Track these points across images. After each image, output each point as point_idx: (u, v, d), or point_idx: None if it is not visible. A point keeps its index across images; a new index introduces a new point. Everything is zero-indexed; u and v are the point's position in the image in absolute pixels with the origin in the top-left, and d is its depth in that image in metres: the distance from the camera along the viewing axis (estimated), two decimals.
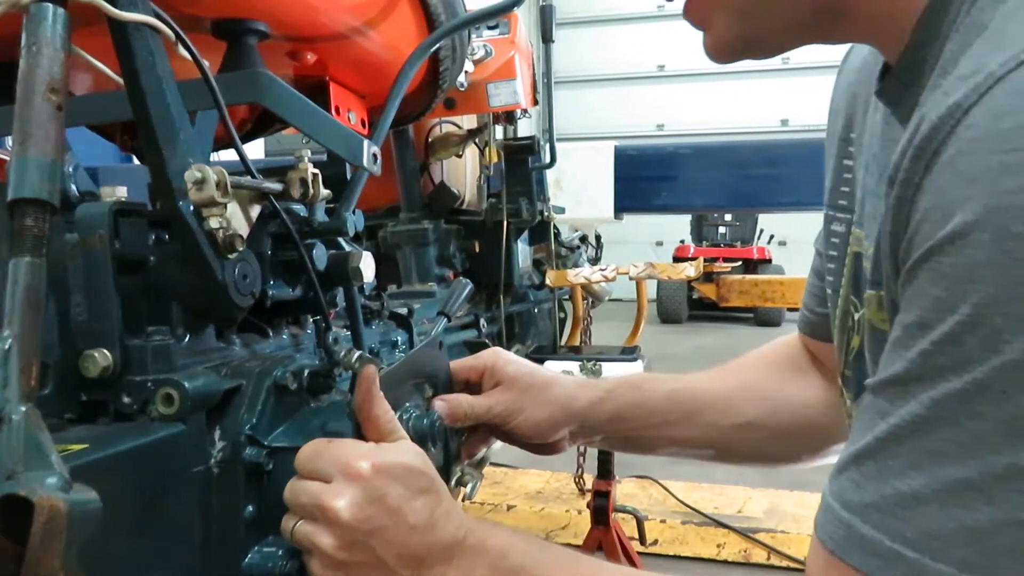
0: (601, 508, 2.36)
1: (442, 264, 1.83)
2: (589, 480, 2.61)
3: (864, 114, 0.70)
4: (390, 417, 0.70)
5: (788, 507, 3.21)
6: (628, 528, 2.53)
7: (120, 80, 0.64)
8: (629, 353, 1.90)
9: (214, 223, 0.67)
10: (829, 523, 0.46)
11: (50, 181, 0.51)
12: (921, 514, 0.41)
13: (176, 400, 0.69)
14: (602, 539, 2.37)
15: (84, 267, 0.70)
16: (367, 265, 0.91)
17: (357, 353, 0.83)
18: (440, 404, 0.84)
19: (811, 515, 0.50)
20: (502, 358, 0.91)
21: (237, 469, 0.73)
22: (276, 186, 0.76)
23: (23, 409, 0.46)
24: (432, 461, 0.70)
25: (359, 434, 0.70)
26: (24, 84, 0.52)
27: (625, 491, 3.26)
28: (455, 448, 0.88)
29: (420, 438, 0.76)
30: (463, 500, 0.87)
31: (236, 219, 0.74)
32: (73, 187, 0.72)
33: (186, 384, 0.69)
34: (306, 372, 0.82)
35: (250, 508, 0.73)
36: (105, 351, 0.69)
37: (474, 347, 0.95)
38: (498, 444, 0.96)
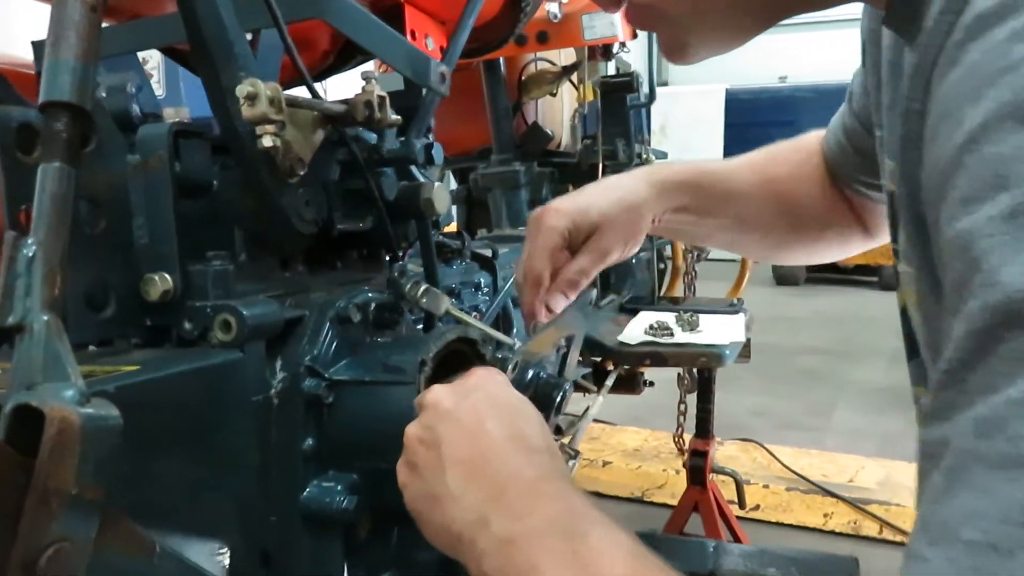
0: (698, 468, 2.27)
1: (534, 208, 1.77)
2: (688, 440, 2.52)
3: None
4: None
5: (904, 479, 3.00)
6: (727, 491, 2.43)
7: None
8: (730, 305, 1.79)
9: (267, 141, 0.63)
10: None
11: (81, 85, 0.48)
12: None
13: (234, 327, 0.67)
14: (698, 500, 2.29)
15: (145, 189, 0.69)
16: (440, 197, 0.86)
17: (423, 286, 0.79)
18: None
19: None
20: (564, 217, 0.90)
21: (297, 400, 0.71)
22: (338, 107, 0.72)
23: (45, 318, 0.44)
24: None
25: None
26: None
27: (727, 453, 3.14)
28: (553, 426, 0.86)
29: (541, 399, 0.73)
30: None
31: (297, 143, 0.71)
32: (136, 108, 0.70)
33: (244, 311, 0.67)
34: (372, 305, 0.79)
35: (310, 440, 0.71)
36: (165, 275, 0.68)
37: None
38: (600, 400, 0.93)
